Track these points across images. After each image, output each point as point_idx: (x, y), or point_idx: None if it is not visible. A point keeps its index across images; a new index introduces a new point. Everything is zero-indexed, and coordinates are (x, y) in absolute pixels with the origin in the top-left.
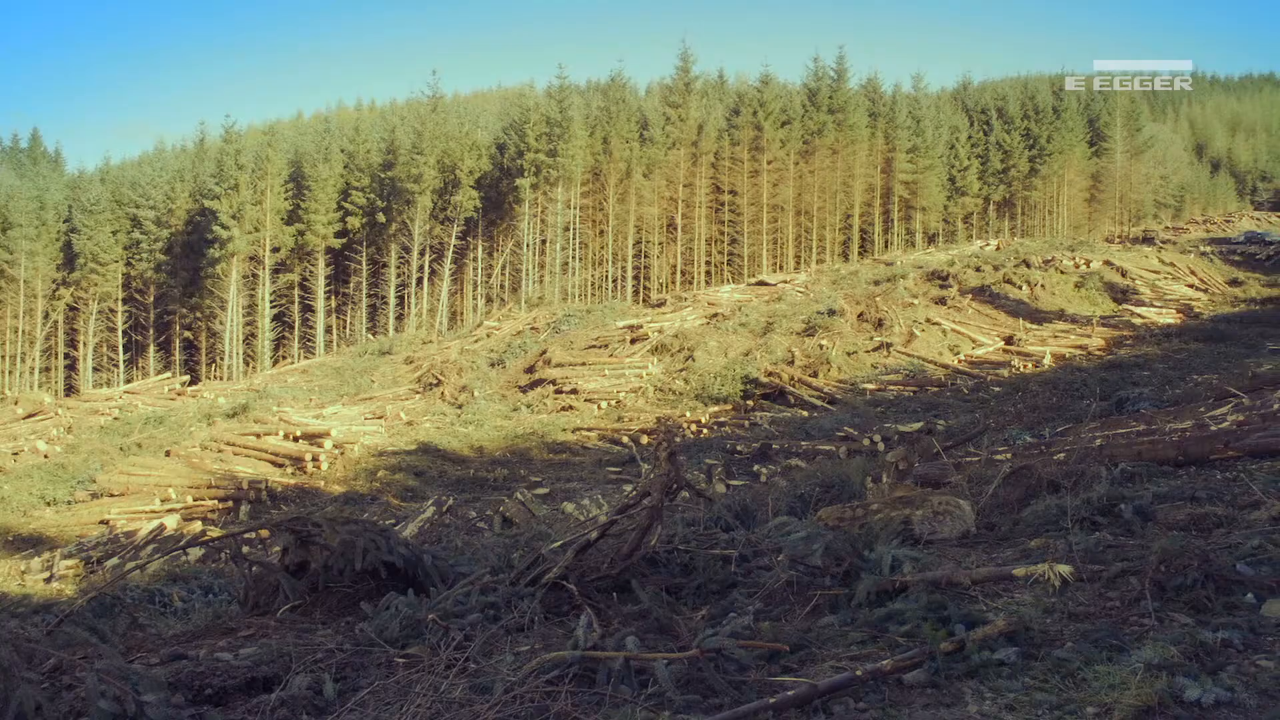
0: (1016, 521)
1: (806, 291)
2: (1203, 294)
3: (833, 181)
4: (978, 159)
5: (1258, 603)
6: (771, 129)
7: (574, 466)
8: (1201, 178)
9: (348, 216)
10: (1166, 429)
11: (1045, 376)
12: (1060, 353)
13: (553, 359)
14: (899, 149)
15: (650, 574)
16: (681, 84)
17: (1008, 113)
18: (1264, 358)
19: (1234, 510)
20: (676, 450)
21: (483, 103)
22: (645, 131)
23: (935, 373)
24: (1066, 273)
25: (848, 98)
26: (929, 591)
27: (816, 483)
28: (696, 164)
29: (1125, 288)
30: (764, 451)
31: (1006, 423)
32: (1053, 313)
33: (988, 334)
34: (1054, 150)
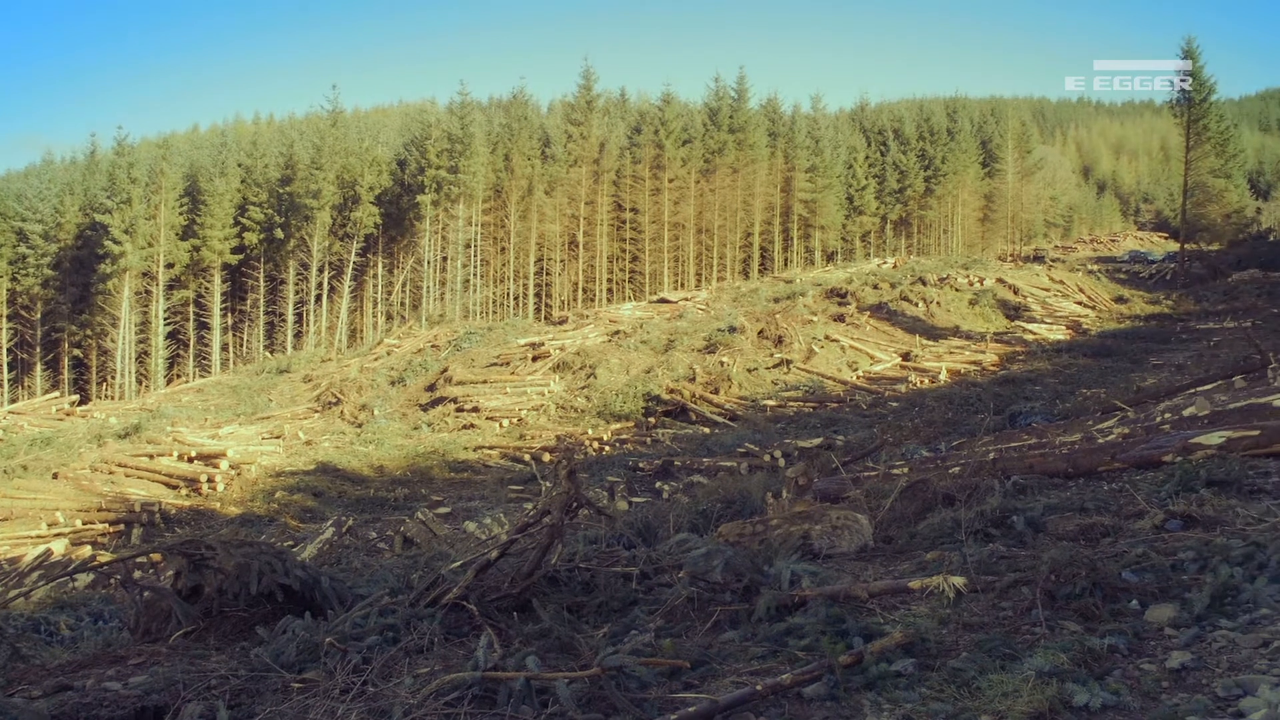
0: (913, 535)
1: (708, 309)
2: (1091, 311)
3: (733, 200)
4: (875, 179)
5: (1142, 609)
6: (673, 148)
7: (476, 485)
8: (1089, 198)
9: (245, 232)
10: (1057, 442)
11: (941, 392)
12: (955, 368)
13: (454, 377)
14: (798, 168)
15: (551, 593)
16: (584, 102)
17: (904, 134)
18: (1148, 372)
19: (1120, 520)
20: (576, 468)
21: (384, 118)
22: (547, 149)
23: (834, 389)
24: (961, 290)
25: (748, 117)
26: (828, 605)
27: (718, 499)
28: (598, 182)
29: (1017, 305)
30: (666, 468)
31: (904, 437)
32: (948, 329)
33: (885, 350)
34: (948, 171)
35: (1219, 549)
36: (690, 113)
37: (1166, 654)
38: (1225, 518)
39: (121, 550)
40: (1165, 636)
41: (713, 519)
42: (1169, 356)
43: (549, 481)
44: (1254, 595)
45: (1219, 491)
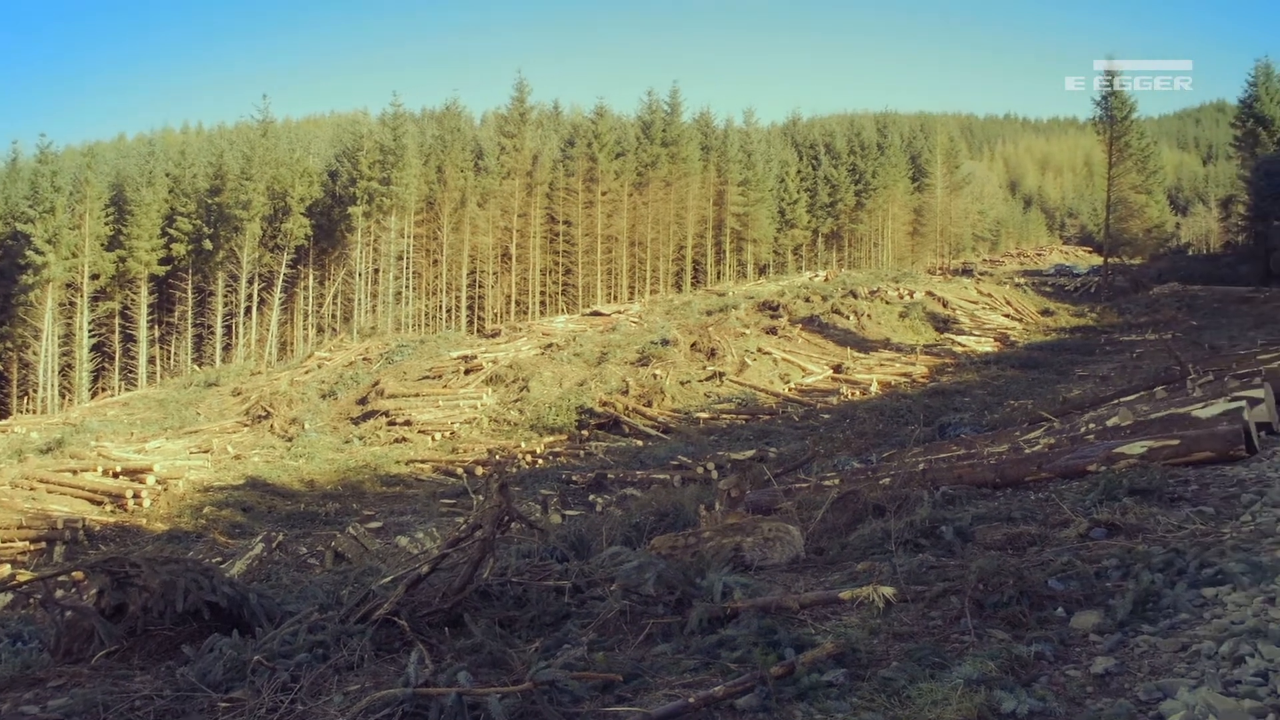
0: (844, 545)
1: (640, 322)
2: (1018, 323)
3: (666, 213)
4: (807, 192)
5: (1067, 616)
6: (606, 160)
7: (408, 499)
8: (1015, 213)
9: (173, 243)
10: (985, 453)
11: (872, 403)
12: (886, 380)
13: (386, 390)
14: (731, 182)
15: (483, 607)
16: (517, 114)
17: (835, 148)
18: (1073, 383)
19: (1046, 529)
20: (508, 482)
21: (315, 128)
22: (480, 161)
23: (767, 401)
24: (891, 303)
25: (681, 131)
26: (759, 617)
27: (651, 511)
28: (531, 194)
29: (946, 317)
30: (599, 481)
31: (835, 449)
32: (879, 341)
33: (817, 363)
34: (879, 185)
35: (1141, 556)
36: (624, 126)
37: (1091, 660)
38: (1147, 525)
39: (42, 568)
40: (1090, 643)
41: (646, 532)
42: (1094, 368)
43: (481, 495)
44: (1174, 601)
45: (1141, 500)
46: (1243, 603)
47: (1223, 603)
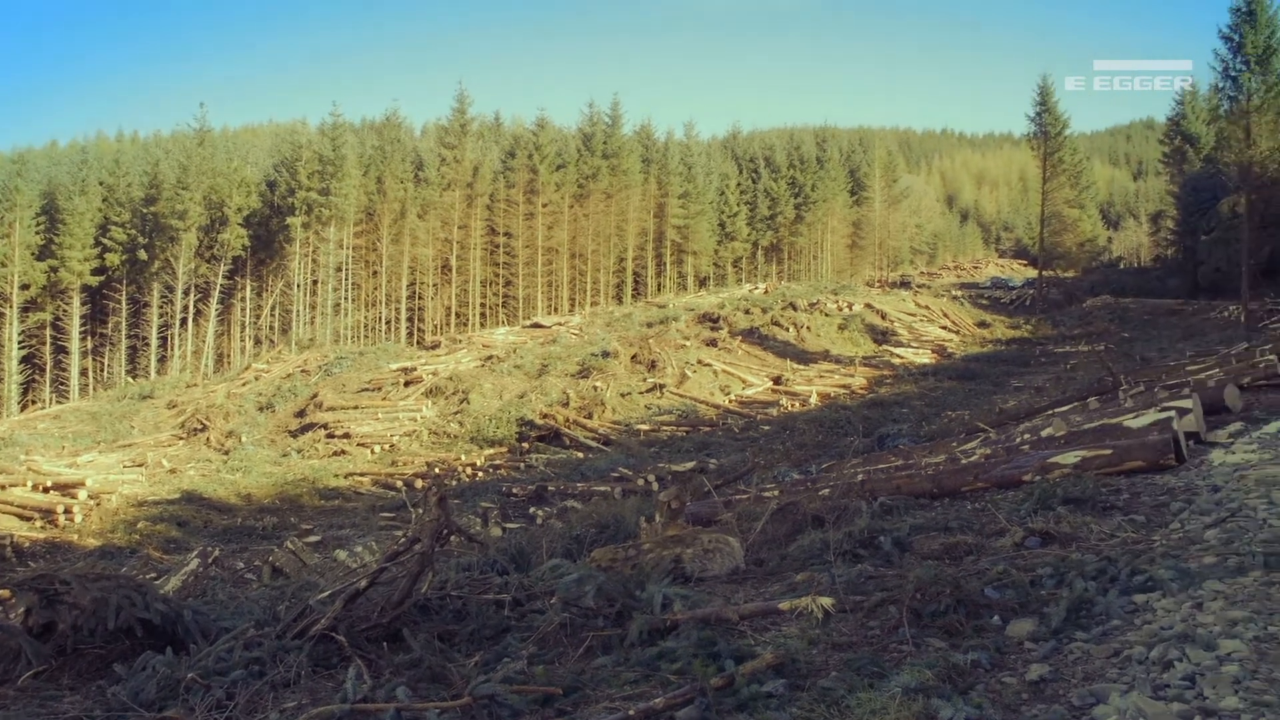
0: (784, 556)
1: (581, 334)
2: (955, 335)
3: (607, 225)
4: (747, 205)
5: (1003, 624)
6: (547, 172)
7: (346, 513)
8: (952, 226)
9: (106, 253)
10: (923, 463)
11: (812, 415)
12: (826, 392)
13: (324, 402)
14: (671, 194)
15: (423, 621)
16: (457, 125)
17: (775, 162)
18: (1009, 394)
19: (982, 538)
20: (447, 495)
21: (253, 138)
22: (420, 172)
23: (707, 413)
24: (831, 315)
25: (622, 143)
26: (699, 629)
27: (591, 524)
28: (472, 206)
29: (885, 329)
30: (540, 493)
31: (775, 460)
32: (818, 353)
33: (757, 374)
34: (818, 198)
35: (1074, 564)
36: (564, 138)
37: (1026, 667)
38: (1080, 534)
39: None
40: (1025, 650)
41: (586, 544)
42: (1029, 379)
43: (420, 508)
44: (1107, 608)
45: (1075, 509)
46: (1172, 608)
47: (1153, 609)
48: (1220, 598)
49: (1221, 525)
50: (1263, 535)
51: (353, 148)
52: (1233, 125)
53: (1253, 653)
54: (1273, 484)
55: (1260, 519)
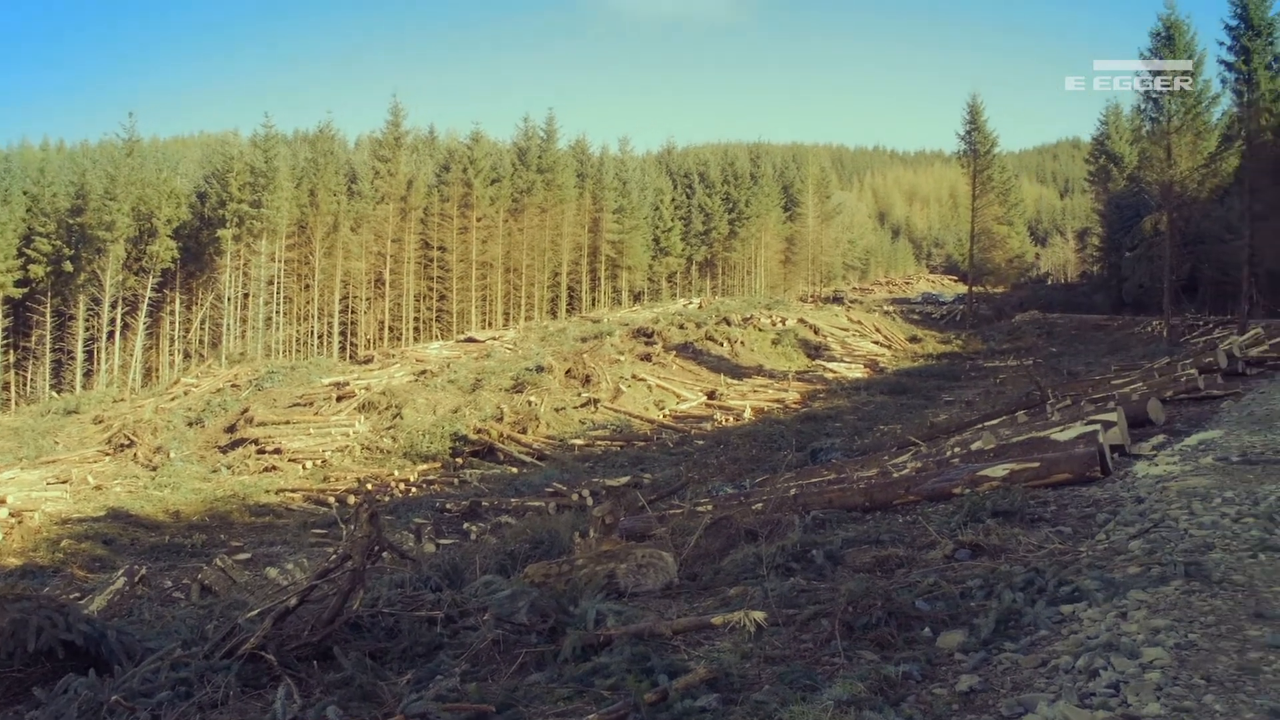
0: (717, 571)
1: (515, 348)
2: (887, 350)
3: (541, 239)
4: (681, 220)
5: (934, 636)
6: (481, 186)
7: (277, 529)
8: (884, 242)
9: (30, 264)
10: (855, 477)
11: (745, 429)
12: (760, 406)
13: (255, 418)
14: (606, 209)
15: (354, 639)
16: (392, 138)
17: (709, 177)
18: (940, 408)
19: (913, 551)
20: (378, 511)
21: (183, 149)
22: (354, 185)
23: (641, 428)
24: (764, 330)
25: (557, 158)
26: (633, 644)
27: (526, 539)
28: (406, 219)
29: (818, 344)
30: (474, 509)
31: (709, 475)
32: (752, 368)
33: (691, 389)
34: (752, 214)
35: (1003, 576)
36: (499, 152)
37: (956, 678)
38: (1009, 546)
39: None
40: (955, 661)
41: (520, 560)
42: (959, 393)
43: (351, 525)
44: (1034, 618)
45: (1003, 521)
46: (1097, 618)
47: (1079, 619)
48: (1144, 607)
49: (1145, 536)
50: (1184, 545)
51: (285, 159)
52: (1154, 146)
53: (1174, 660)
54: (1194, 495)
55: (1182, 529)
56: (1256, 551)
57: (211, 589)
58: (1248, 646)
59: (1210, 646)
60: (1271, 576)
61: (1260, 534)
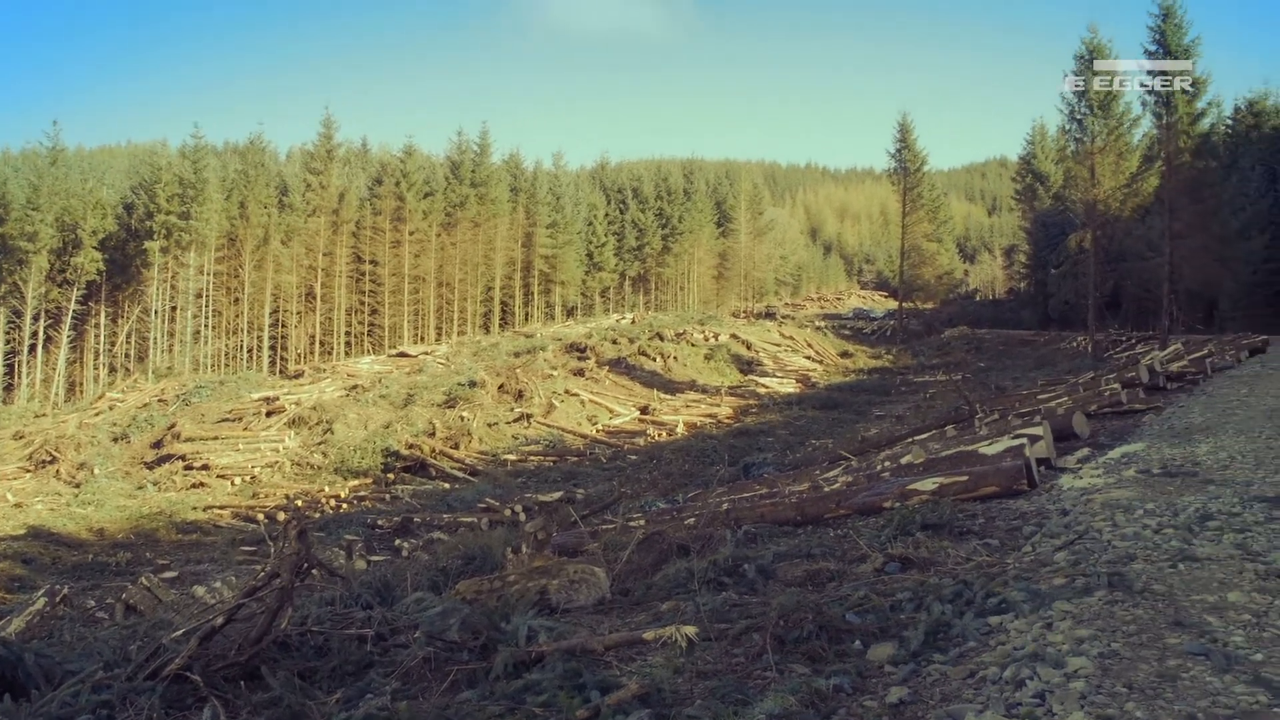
0: (649, 586)
1: (448, 363)
2: (819, 365)
3: (474, 254)
4: (614, 236)
5: (864, 648)
6: (414, 200)
7: (205, 547)
8: (816, 258)
9: None
10: (787, 491)
11: (678, 444)
12: (692, 421)
13: (183, 433)
14: (539, 224)
15: (282, 659)
16: (324, 150)
17: (643, 193)
18: (871, 423)
19: (844, 564)
20: (307, 528)
21: (110, 159)
22: (285, 197)
23: (574, 442)
24: (697, 345)
25: (490, 172)
26: (565, 660)
27: (458, 555)
28: (337, 232)
29: (751, 359)
30: (406, 525)
31: (642, 490)
32: (685, 383)
33: (624, 404)
34: (685, 230)
35: (932, 588)
36: (432, 165)
37: (886, 690)
38: (938, 559)
39: None
40: (885, 673)
41: (452, 576)
42: (890, 407)
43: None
44: (963, 630)
45: (933, 534)
46: (1024, 629)
47: (1006, 630)
48: (1068, 617)
49: (1070, 547)
50: (1107, 556)
51: (215, 171)
52: (1078, 165)
53: (1097, 669)
54: (1117, 507)
55: (1105, 541)
56: (1176, 562)
57: (136, 609)
58: (1167, 654)
59: (1132, 655)
60: (1190, 586)
61: (1180, 545)
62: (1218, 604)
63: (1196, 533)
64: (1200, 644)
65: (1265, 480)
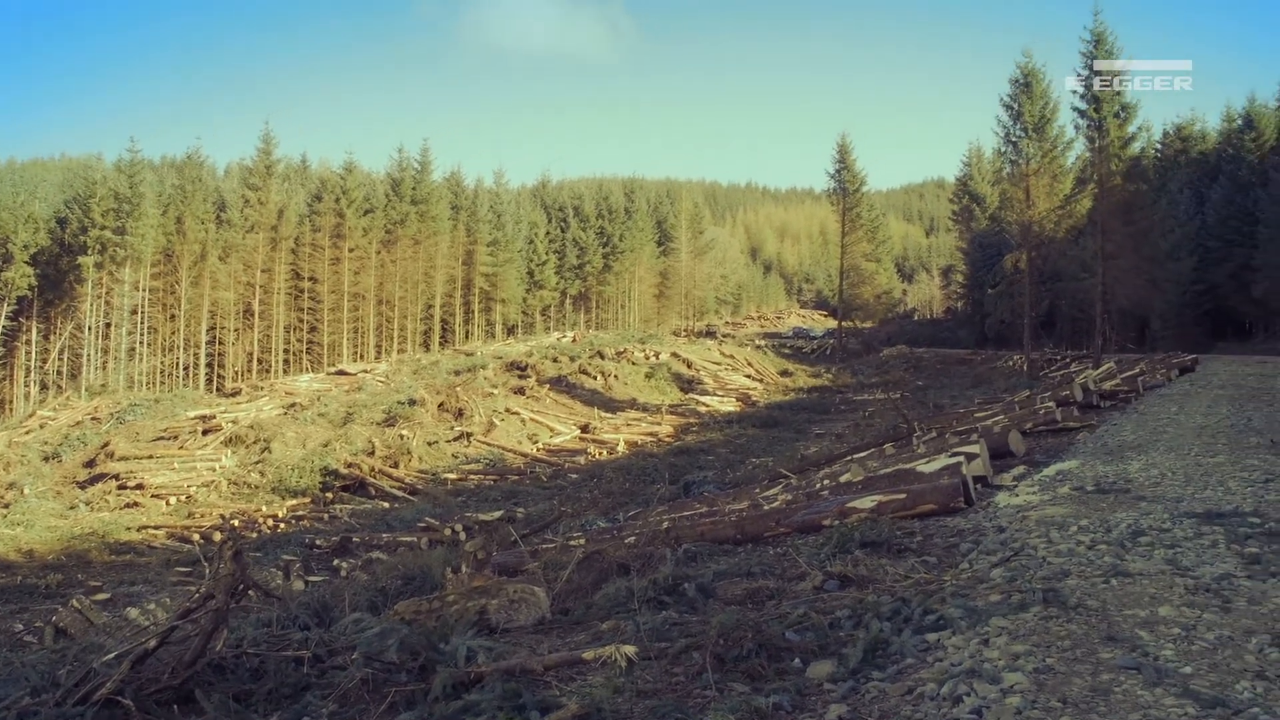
0: (589, 605)
1: (387, 381)
2: (759, 384)
3: (415, 271)
4: (555, 254)
5: (804, 666)
6: (354, 217)
7: (139, 568)
8: (756, 278)
9: None
10: (727, 510)
11: (619, 463)
12: (633, 440)
13: (116, 452)
14: (480, 242)
15: (217, 681)
16: (263, 166)
17: (584, 211)
18: (811, 441)
19: (784, 582)
20: (243, 548)
21: (42, 172)
22: (223, 213)
23: (515, 461)
24: (638, 364)
25: (431, 189)
26: (504, 680)
27: (397, 575)
28: (276, 249)
29: (691, 378)
30: (344, 545)
31: (583, 509)
32: (625, 401)
33: (565, 423)
34: (626, 248)
35: (871, 606)
36: (373, 182)
37: (825, 708)
38: (877, 576)
39: None
40: (825, 691)
41: (391, 596)
42: (830, 426)
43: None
44: (901, 647)
45: (871, 552)
46: (961, 645)
47: (944, 646)
48: (1004, 633)
49: (1006, 564)
50: (1042, 573)
51: (151, 186)
52: (1014, 187)
53: (1033, 684)
54: (1051, 524)
55: (1040, 557)
56: (1109, 577)
57: (67, 632)
58: (1100, 668)
59: (1066, 670)
60: (1122, 601)
61: (1112, 560)
62: (1149, 618)
63: (1128, 548)
64: (1132, 658)
65: (1194, 496)
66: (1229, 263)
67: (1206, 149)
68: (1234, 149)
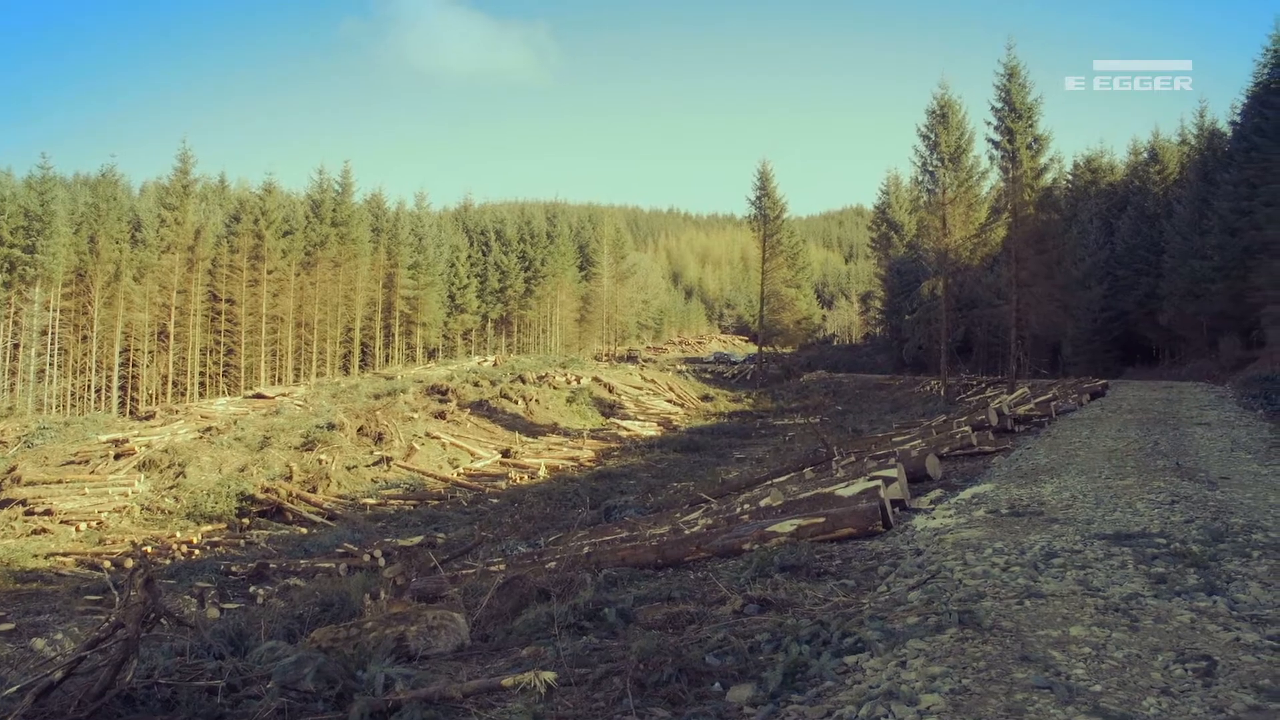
0: (509, 631)
1: (306, 405)
2: (680, 408)
3: (334, 294)
4: (477, 278)
5: (724, 690)
6: (273, 238)
7: (46, 597)
8: (678, 303)
9: None
10: (647, 534)
11: (540, 488)
12: (554, 464)
13: (24, 477)
14: (401, 265)
15: (126, 714)
16: (180, 185)
17: (506, 235)
18: (731, 465)
19: (704, 607)
20: (154, 575)
21: None
22: (138, 233)
23: (435, 486)
24: (559, 388)
25: (351, 211)
26: (423, 708)
27: (315, 602)
28: (193, 270)
29: (613, 403)
30: (261, 571)
31: (504, 534)
32: (547, 426)
33: (486, 447)
34: (548, 273)
35: (790, 629)
36: (293, 203)
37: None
38: (796, 599)
39: None
40: (745, 715)
41: (309, 623)
42: (750, 450)
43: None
44: (820, 669)
45: (791, 575)
46: (879, 667)
47: (862, 669)
48: (922, 655)
49: (923, 586)
50: (958, 594)
51: (64, 203)
52: (931, 215)
53: (949, 705)
54: (967, 546)
55: (956, 579)
56: (1023, 598)
57: None
58: (1015, 688)
59: (982, 690)
60: (1036, 621)
61: (1026, 582)
62: (1061, 638)
63: (1042, 570)
64: (1045, 678)
65: (1105, 518)
66: (1137, 290)
67: (1115, 180)
68: (1141, 181)
